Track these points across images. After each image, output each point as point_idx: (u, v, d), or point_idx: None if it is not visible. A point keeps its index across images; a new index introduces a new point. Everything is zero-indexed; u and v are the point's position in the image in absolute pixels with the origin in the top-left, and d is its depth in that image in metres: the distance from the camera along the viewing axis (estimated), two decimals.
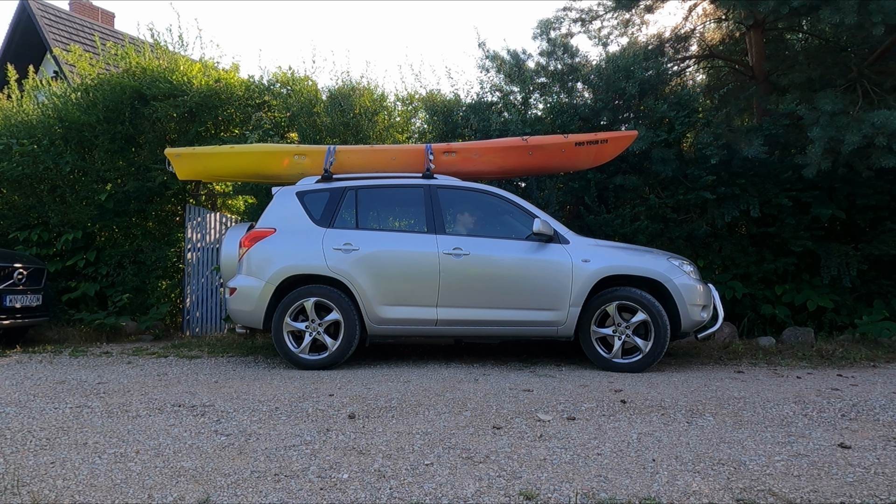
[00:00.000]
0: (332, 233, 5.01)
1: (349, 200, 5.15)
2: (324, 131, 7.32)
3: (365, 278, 4.87)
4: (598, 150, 5.61)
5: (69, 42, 10.70)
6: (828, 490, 2.30)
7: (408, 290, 4.91)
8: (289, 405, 3.62)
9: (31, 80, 8.47)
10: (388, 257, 4.95)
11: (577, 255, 4.86)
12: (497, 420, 3.29)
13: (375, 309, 4.88)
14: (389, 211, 5.55)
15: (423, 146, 5.45)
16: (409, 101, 7.75)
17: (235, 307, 5.03)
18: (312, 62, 13.29)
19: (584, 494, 2.25)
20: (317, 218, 5.08)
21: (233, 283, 5.05)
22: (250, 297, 4.92)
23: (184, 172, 5.89)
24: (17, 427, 3.18)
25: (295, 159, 5.49)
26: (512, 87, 7.25)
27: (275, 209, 5.16)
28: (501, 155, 5.58)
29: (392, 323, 4.92)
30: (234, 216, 7.85)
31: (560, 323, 4.84)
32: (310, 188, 5.23)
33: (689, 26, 8.29)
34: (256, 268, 4.96)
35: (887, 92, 6.25)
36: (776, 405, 3.60)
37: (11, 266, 6.16)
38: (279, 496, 2.25)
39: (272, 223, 5.09)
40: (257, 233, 5.06)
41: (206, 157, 5.76)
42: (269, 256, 4.96)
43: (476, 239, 5.03)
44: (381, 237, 5.06)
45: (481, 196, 5.23)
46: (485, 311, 4.90)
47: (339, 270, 4.88)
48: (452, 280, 4.87)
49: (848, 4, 5.33)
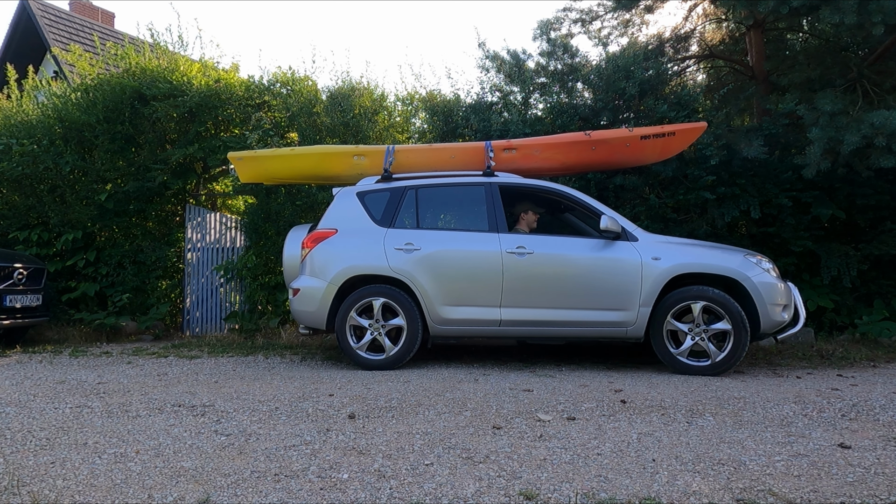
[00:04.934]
0: (393, 233, 4.97)
1: (409, 200, 5.11)
2: (324, 131, 7.32)
3: (426, 278, 4.83)
4: (665, 143, 5.42)
5: (69, 42, 10.69)
6: (828, 490, 2.29)
7: (470, 290, 4.84)
8: (289, 405, 3.62)
9: (30, 80, 8.47)
10: (449, 257, 4.89)
11: (647, 253, 4.69)
12: (497, 420, 3.29)
13: (437, 309, 4.83)
14: (450, 210, 5.45)
15: (483, 144, 5.34)
16: (409, 101, 7.75)
17: (299, 308, 5.02)
18: (312, 62, 13.29)
19: (584, 494, 2.25)
20: (377, 218, 5.05)
21: (296, 284, 5.04)
22: (313, 297, 4.92)
23: (246, 175, 5.90)
24: (17, 427, 3.18)
25: (354, 160, 5.46)
26: (512, 88, 7.25)
27: (336, 210, 5.15)
28: (563, 151, 5.43)
29: (454, 324, 4.86)
30: (233, 216, 7.85)
31: (629, 324, 4.69)
32: (370, 188, 5.20)
33: (689, 26, 8.30)
34: (319, 268, 4.95)
35: (887, 92, 6.25)
36: (776, 405, 3.60)
37: (11, 266, 6.17)
38: (279, 496, 2.25)
39: (333, 224, 5.08)
40: (319, 234, 5.06)
41: (266, 159, 5.74)
42: (331, 257, 4.95)
43: (540, 237, 4.95)
44: (442, 236, 5.00)
45: (544, 193, 5.15)
46: (550, 312, 4.78)
47: (400, 270, 4.85)
48: (516, 279, 4.77)
49: (848, 4, 5.33)
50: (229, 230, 7.66)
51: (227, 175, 8.23)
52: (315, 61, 14.74)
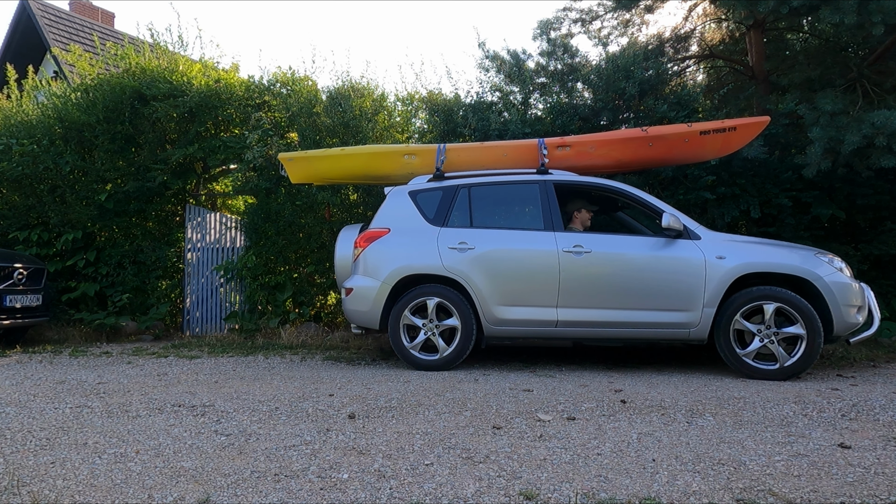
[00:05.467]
0: (447, 232, 4.94)
1: (462, 199, 5.07)
2: (324, 131, 7.32)
3: (481, 278, 4.77)
4: (726, 138, 5.26)
5: (69, 42, 10.69)
6: (828, 490, 2.29)
7: (526, 290, 4.75)
8: (289, 405, 3.62)
9: (30, 80, 8.47)
10: (504, 256, 4.82)
11: (711, 252, 4.55)
12: (497, 420, 3.29)
13: (492, 309, 4.76)
14: (503, 208, 5.29)
15: (536, 141, 5.27)
16: (409, 101, 7.75)
17: (352, 307, 5.00)
18: (312, 62, 13.28)
19: (584, 494, 2.25)
20: (430, 217, 5.02)
21: (349, 284, 5.02)
22: (366, 297, 4.90)
23: (297, 176, 5.89)
24: (17, 427, 3.18)
25: (405, 159, 5.42)
26: (512, 87, 7.25)
27: (388, 209, 5.12)
28: (619, 147, 5.32)
29: (510, 324, 4.79)
30: (234, 216, 7.85)
31: (692, 325, 4.56)
32: (422, 187, 5.17)
33: (689, 26, 8.30)
34: (372, 268, 4.93)
35: (887, 92, 6.25)
36: (776, 405, 3.60)
37: (11, 266, 6.17)
38: (279, 496, 2.25)
39: (386, 223, 5.05)
40: (372, 233, 5.03)
41: (317, 160, 5.73)
42: (384, 257, 4.92)
43: (597, 235, 4.83)
44: (496, 235, 4.91)
45: (601, 191, 5.06)
46: (608, 313, 4.67)
47: (454, 270, 4.81)
48: (573, 279, 4.69)
49: (848, 4, 5.33)
50: (229, 230, 7.66)
51: (227, 175, 8.23)
52: (315, 61, 14.73)
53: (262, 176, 7.27)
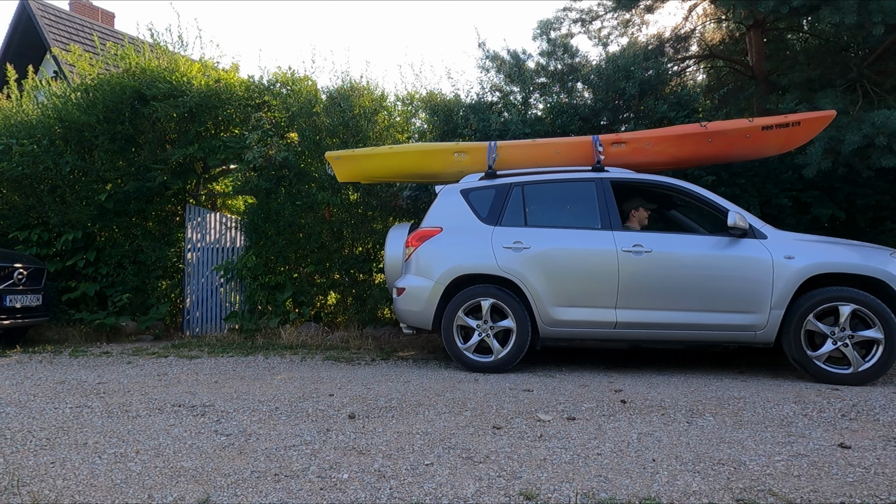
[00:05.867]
0: (501, 231, 4.85)
1: (516, 197, 4.97)
2: (324, 131, 7.32)
3: (537, 278, 4.68)
4: (789, 133, 5.10)
5: (69, 42, 10.70)
6: (828, 490, 2.29)
7: (584, 291, 4.64)
8: (289, 405, 3.62)
9: (30, 80, 8.47)
10: (561, 255, 4.71)
11: (779, 251, 4.42)
12: (497, 420, 3.29)
13: (549, 310, 4.67)
14: (558, 207, 5.13)
15: (590, 138, 5.17)
16: (408, 101, 7.75)
17: (404, 307, 4.93)
18: (312, 62, 13.30)
19: (584, 494, 2.25)
20: (483, 216, 4.93)
21: (401, 283, 4.96)
22: (419, 297, 4.84)
23: (344, 175, 5.85)
24: (17, 427, 3.18)
25: (455, 157, 5.34)
26: (512, 87, 7.25)
27: (440, 208, 5.05)
28: (676, 144, 5.20)
29: (566, 325, 4.68)
30: (234, 216, 7.85)
31: (759, 327, 4.42)
32: (474, 185, 5.09)
33: (689, 26, 8.30)
34: (425, 267, 4.86)
35: (887, 92, 6.25)
36: (776, 405, 3.60)
37: (11, 266, 6.17)
38: (279, 496, 2.25)
39: (438, 222, 4.99)
40: (424, 232, 4.97)
41: (365, 158, 5.67)
42: (437, 256, 4.86)
43: (658, 234, 4.71)
44: (552, 234, 4.80)
45: (659, 189, 4.94)
46: (670, 314, 4.54)
47: (509, 270, 4.71)
48: (633, 279, 4.58)
49: (848, 4, 5.33)
50: (229, 230, 7.66)
51: (227, 175, 8.23)
52: (315, 61, 14.75)
53: (262, 176, 7.28)
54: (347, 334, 6.74)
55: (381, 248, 7.44)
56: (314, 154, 7.41)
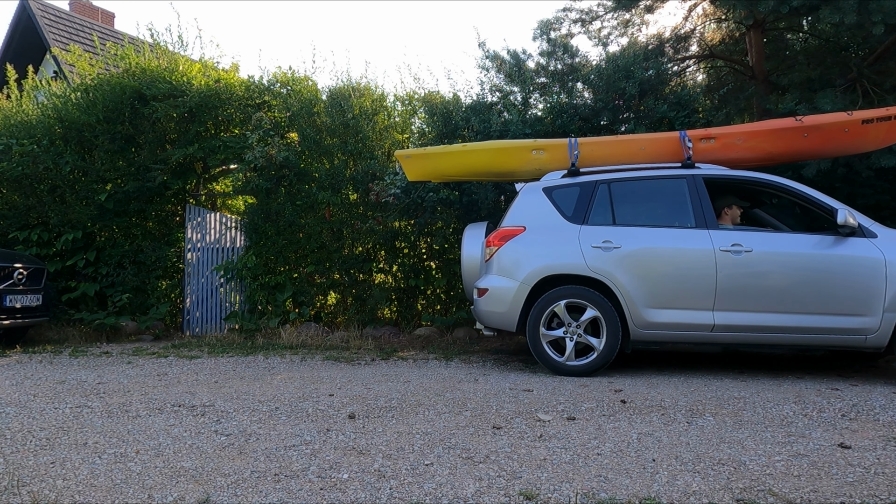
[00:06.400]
0: (588, 230, 4.69)
1: (602, 195, 4.81)
2: (324, 131, 7.32)
3: (628, 278, 4.51)
4: (890, 127, 4.88)
5: (69, 42, 10.70)
6: (828, 490, 2.29)
7: (679, 292, 4.48)
8: (289, 405, 3.62)
9: (30, 80, 8.47)
10: (654, 255, 4.55)
11: (891, 251, 4.23)
12: (497, 420, 3.29)
13: (641, 312, 4.50)
14: (647, 205, 4.96)
15: (677, 133, 5.01)
16: (408, 102, 7.75)
17: (486, 308, 4.78)
18: (312, 62, 13.33)
19: (584, 494, 2.25)
20: (568, 214, 4.78)
21: (483, 284, 4.83)
22: (503, 298, 4.69)
23: (414, 174, 5.73)
24: (17, 427, 3.18)
25: (532, 154, 5.17)
26: (512, 88, 7.25)
27: (522, 206, 4.90)
28: (770, 139, 5.01)
29: (660, 328, 4.52)
30: (234, 216, 7.85)
31: (870, 331, 4.23)
32: (557, 183, 4.94)
33: (689, 26, 8.30)
34: (509, 268, 4.72)
35: (887, 92, 6.25)
36: (776, 405, 3.60)
37: (11, 266, 6.17)
38: (279, 496, 2.25)
39: (521, 221, 4.85)
40: (507, 231, 4.83)
41: (436, 156, 5.54)
42: (521, 256, 4.72)
43: (757, 233, 4.51)
44: (644, 233, 4.63)
45: (757, 186, 4.75)
46: (772, 317, 4.36)
47: (599, 270, 4.56)
48: (732, 280, 4.40)
49: (848, 4, 5.33)
50: (229, 230, 7.66)
51: (227, 175, 8.23)
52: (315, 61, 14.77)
53: (263, 176, 7.28)
54: (347, 334, 6.74)
55: (380, 249, 7.45)
56: (314, 154, 7.42)
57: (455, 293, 7.31)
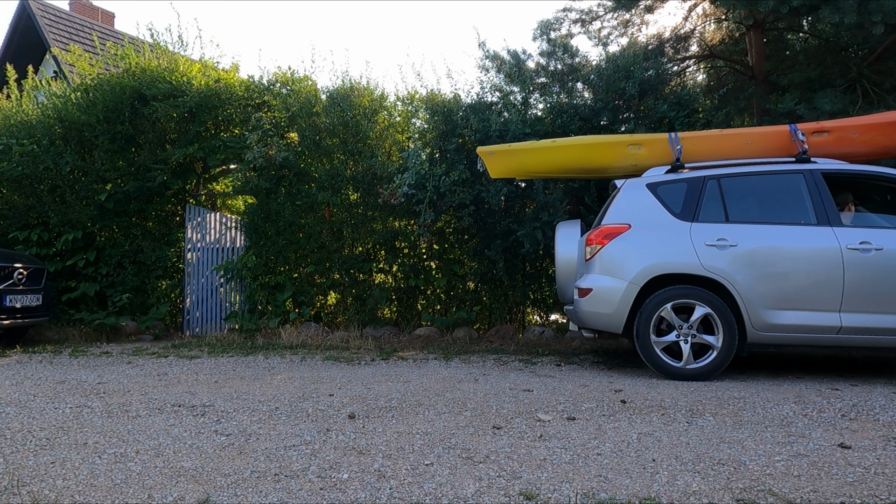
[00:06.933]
0: (700, 227, 4.50)
1: (711, 191, 4.63)
2: (324, 131, 7.32)
3: (746, 278, 4.34)
4: None
5: (69, 42, 10.70)
6: (828, 490, 2.29)
7: (802, 292, 4.30)
8: (289, 405, 3.62)
9: (30, 80, 8.47)
10: (775, 254, 4.36)
11: None
12: (497, 420, 3.29)
13: (760, 313, 4.33)
14: (762, 201, 4.71)
15: (787, 127, 4.84)
16: (408, 101, 7.76)
17: (590, 309, 4.61)
18: (312, 62, 13.32)
19: (584, 494, 2.25)
20: (676, 211, 4.60)
21: (585, 284, 4.68)
22: (610, 298, 4.52)
23: (497, 170, 5.60)
24: (17, 427, 3.18)
25: (629, 150, 5.02)
26: (512, 88, 7.26)
27: (625, 203, 4.73)
28: (889, 132, 4.80)
29: (780, 330, 4.33)
30: (234, 216, 7.86)
31: None
32: (662, 179, 4.77)
33: (689, 26, 8.31)
34: (616, 267, 4.56)
35: (887, 92, 6.26)
36: (776, 405, 3.60)
37: (11, 266, 6.17)
38: (279, 496, 2.25)
39: (625, 218, 4.67)
40: (611, 229, 4.66)
41: (522, 153, 5.39)
42: (629, 254, 4.55)
43: (888, 231, 4.32)
44: (762, 231, 4.44)
45: (881, 181, 4.53)
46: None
47: (714, 269, 4.37)
48: (861, 280, 4.22)
49: (847, 4, 5.34)
50: (229, 230, 7.66)
51: (227, 175, 8.23)
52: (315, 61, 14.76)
53: (262, 176, 7.28)
54: (347, 334, 6.74)
55: (380, 248, 7.44)
56: (314, 154, 7.42)
57: (455, 293, 7.31)
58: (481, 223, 6.85)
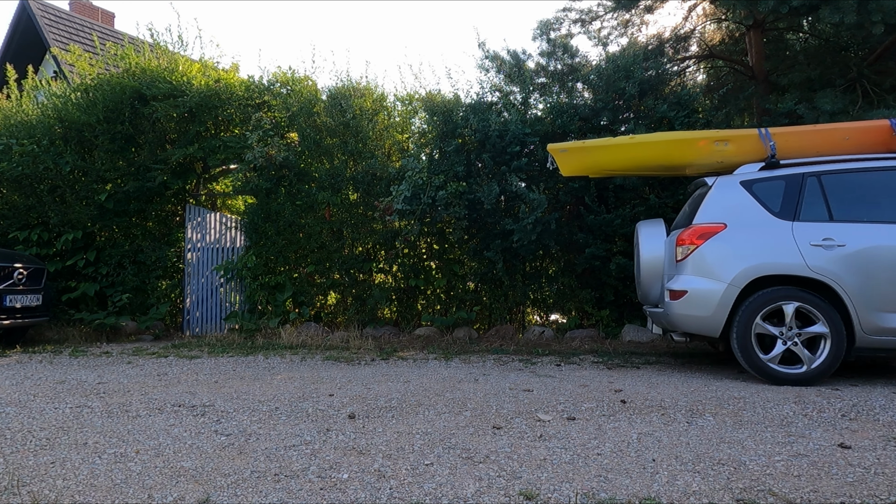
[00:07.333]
0: (802, 226, 4.34)
1: (812, 188, 4.45)
2: (324, 131, 7.32)
3: (857, 280, 4.18)
4: None
5: (69, 42, 10.70)
6: (828, 490, 2.29)
7: None
8: (289, 405, 3.62)
9: (30, 80, 8.47)
10: (888, 254, 4.18)
11: None
12: (497, 420, 3.29)
13: (871, 317, 4.17)
14: (869, 199, 4.51)
15: (888, 122, 4.68)
16: (408, 101, 7.76)
17: (685, 312, 4.49)
18: (312, 62, 13.31)
19: (584, 494, 2.25)
20: (775, 210, 4.44)
21: (678, 286, 4.54)
22: (708, 301, 4.38)
23: (570, 168, 5.46)
24: (17, 427, 3.17)
25: (716, 146, 4.85)
26: (512, 88, 7.26)
27: (718, 201, 4.58)
28: None
29: (894, 334, 4.17)
30: (234, 216, 7.85)
31: None
32: (757, 176, 4.61)
33: (689, 26, 8.31)
34: (713, 268, 4.42)
35: (886, 91, 6.26)
36: (776, 405, 3.60)
37: (11, 266, 6.17)
38: (279, 496, 2.25)
39: (719, 217, 4.52)
40: (705, 228, 4.52)
41: (597, 150, 5.23)
42: (728, 255, 4.41)
43: None
44: (873, 231, 4.26)
45: None
46: None
47: (821, 270, 4.22)
48: None
49: (847, 4, 5.34)
50: (229, 230, 7.66)
51: (227, 175, 8.23)
52: (315, 61, 14.76)
53: (263, 176, 7.28)
54: (347, 334, 6.74)
55: (380, 248, 7.44)
56: (314, 154, 7.42)
57: (455, 293, 7.31)
58: (480, 223, 6.84)
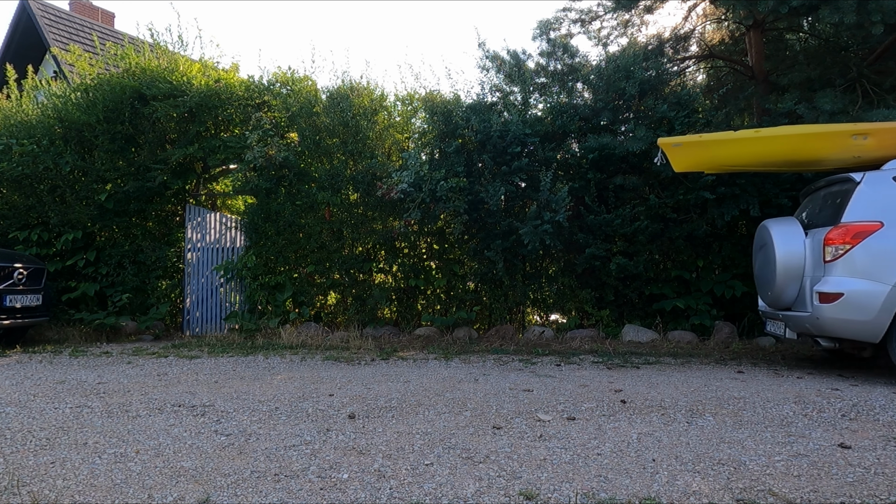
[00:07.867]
0: None
1: None
2: (324, 131, 7.32)
3: None
4: None
5: (69, 42, 10.70)
6: (828, 490, 2.29)
7: None
8: (289, 405, 3.62)
9: (30, 80, 8.47)
10: None
11: None
12: (497, 420, 3.28)
13: None
14: None
15: None
16: (408, 101, 7.76)
17: (841, 316, 4.27)
18: (312, 62, 13.32)
19: (584, 494, 2.25)
20: None
21: (832, 288, 4.32)
22: (869, 304, 4.17)
23: (683, 164, 5.25)
24: (17, 427, 3.17)
25: (853, 140, 4.64)
26: (512, 88, 7.26)
27: (869, 199, 4.35)
28: None
29: None
30: (234, 216, 7.85)
31: None
32: None
33: (689, 26, 8.31)
34: (873, 269, 4.20)
35: (886, 91, 6.26)
36: (776, 405, 3.60)
37: (11, 266, 6.16)
38: (279, 496, 2.25)
39: (873, 215, 4.30)
40: (860, 227, 4.29)
41: (716, 144, 5.01)
42: (889, 255, 4.18)
43: None
44: None
45: None
46: None
47: None
48: None
49: (847, 4, 5.34)
50: (229, 230, 7.66)
51: (227, 175, 8.23)
52: (314, 61, 14.76)
53: (262, 176, 7.28)
54: (347, 334, 6.74)
55: (380, 248, 7.44)
56: (314, 154, 7.42)
57: (455, 293, 7.31)
58: (481, 223, 6.84)
